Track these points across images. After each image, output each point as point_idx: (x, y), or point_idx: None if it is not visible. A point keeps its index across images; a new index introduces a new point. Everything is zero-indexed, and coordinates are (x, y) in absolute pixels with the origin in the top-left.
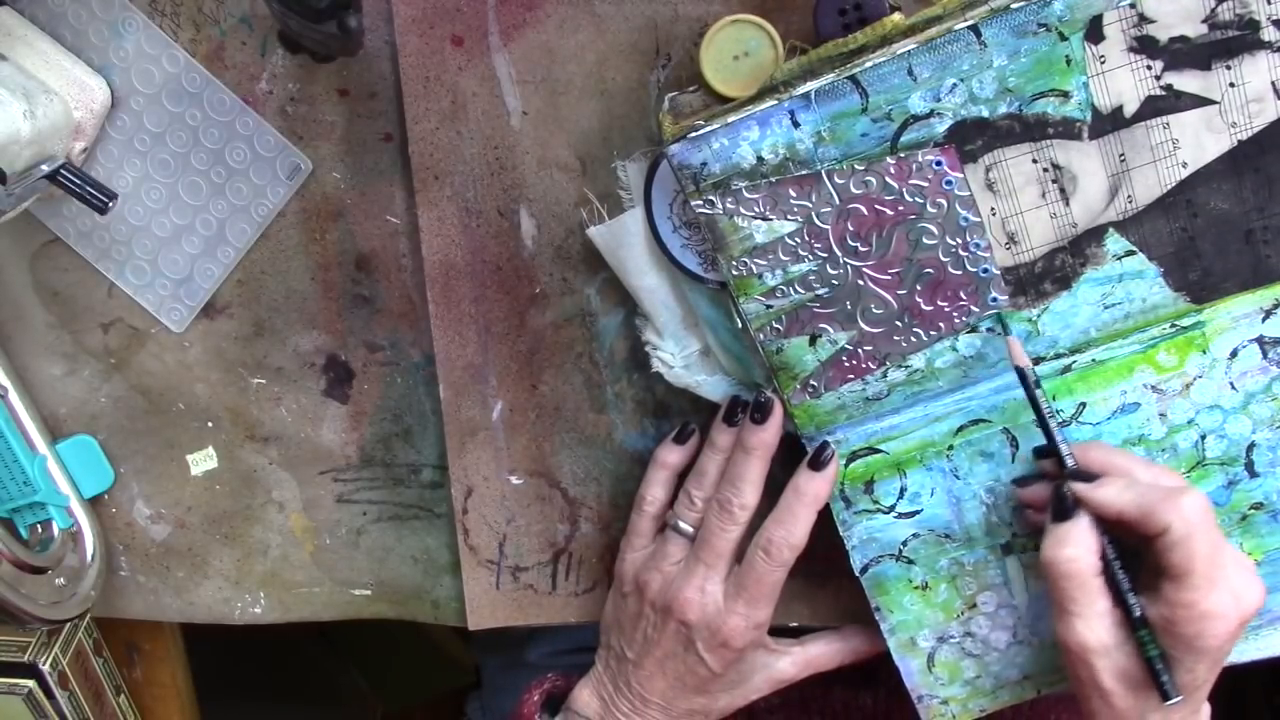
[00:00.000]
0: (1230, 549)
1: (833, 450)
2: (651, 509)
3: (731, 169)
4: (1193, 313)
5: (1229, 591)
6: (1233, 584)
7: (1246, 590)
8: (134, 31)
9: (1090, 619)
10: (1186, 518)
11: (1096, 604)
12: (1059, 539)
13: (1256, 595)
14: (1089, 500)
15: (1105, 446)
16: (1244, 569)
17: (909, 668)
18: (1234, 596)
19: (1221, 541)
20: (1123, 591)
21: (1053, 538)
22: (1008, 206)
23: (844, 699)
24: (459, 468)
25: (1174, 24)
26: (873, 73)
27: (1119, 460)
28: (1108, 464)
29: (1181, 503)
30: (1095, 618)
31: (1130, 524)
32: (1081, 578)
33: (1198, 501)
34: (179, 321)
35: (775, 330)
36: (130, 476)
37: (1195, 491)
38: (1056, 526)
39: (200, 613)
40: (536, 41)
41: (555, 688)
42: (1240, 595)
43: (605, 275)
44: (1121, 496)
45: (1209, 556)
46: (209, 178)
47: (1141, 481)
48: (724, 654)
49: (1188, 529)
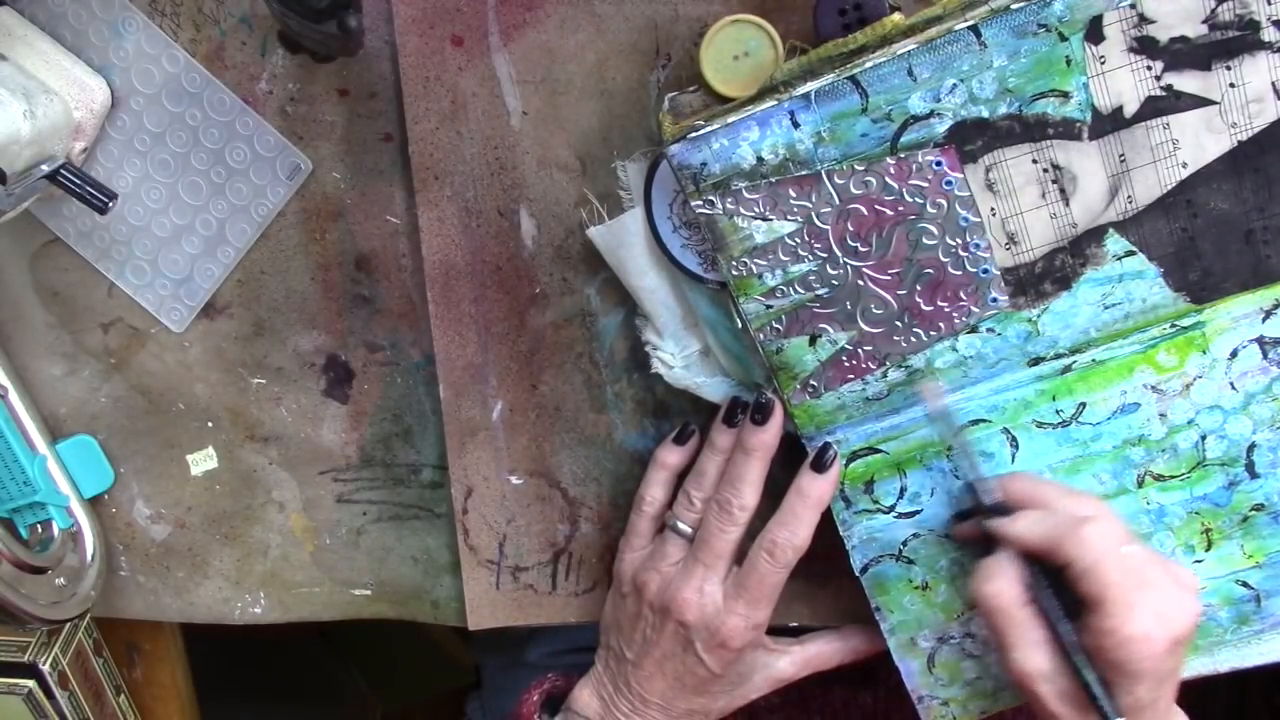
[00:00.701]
0: (1158, 568)
1: (835, 451)
2: (651, 509)
3: (731, 169)
4: (1193, 313)
5: (1151, 615)
6: (1156, 606)
7: (1174, 610)
8: (134, 31)
9: (1025, 648)
10: (1089, 548)
11: (1029, 633)
12: (982, 574)
13: (1187, 612)
14: (1003, 535)
15: (1029, 478)
16: (1173, 588)
17: (909, 668)
18: (1158, 619)
19: (1142, 563)
20: (1052, 620)
21: (978, 573)
22: (1008, 207)
23: (844, 698)
24: (459, 468)
25: (1174, 24)
26: (873, 73)
27: (1040, 491)
28: (1030, 495)
29: (1083, 533)
30: (1030, 646)
31: (1044, 557)
32: (1008, 610)
33: (1101, 530)
34: (179, 321)
35: (775, 330)
36: (130, 476)
37: (1102, 519)
38: (980, 562)
39: (200, 613)
40: (536, 41)
41: (555, 688)
42: (1167, 616)
43: (605, 275)
44: (1031, 531)
45: (1121, 583)
46: (209, 178)
47: (1053, 514)
48: (722, 654)
49: (1091, 560)
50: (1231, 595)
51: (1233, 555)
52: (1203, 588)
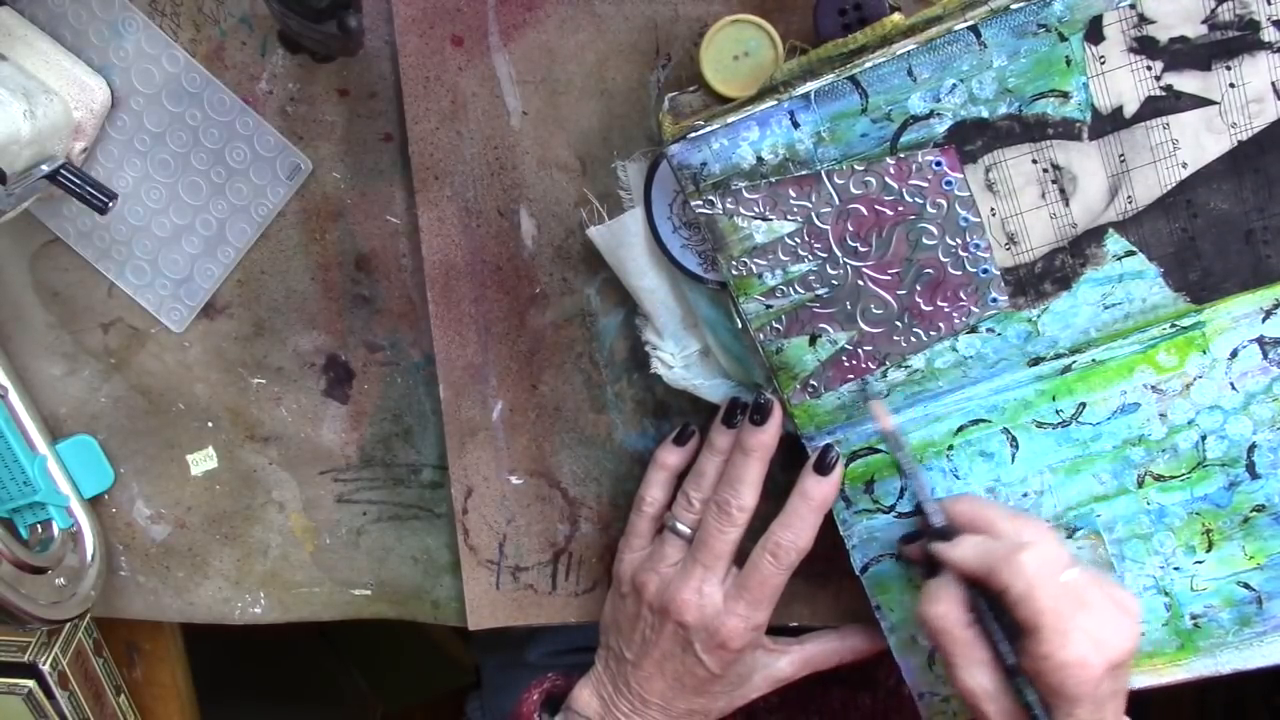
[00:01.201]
0: (1098, 592)
1: (837, 453)
2: (650, 510)
3: (731, 169)
4: (1193, 313)
5: (1086, 641)
6: (1091, 632)
7: (1110, 635)
8: (134, 31)
9: (969, 668)
10: (1023, 575)
11: (973, 654)
12: (926, 596)
13: (1125, 637)
14: (944, 560)
15: (973, 500)
16: (1110, 612)
17: (909, 666)
18: (1093, 645)
19: (1080, 588)
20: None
21: (923, 594)
22: (1007, 207)
23: (842, 699)
24: (459, 468)
25: (1174, 24)
26: (872, 73)
27: (983, 513)
28: (972, 518)
29: (1018, 560)
30: (974, 667)
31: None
32: (951, 632)
33: (1037, 557)
34: (179, 321)
35: (775, 330)
36: (130, 476)
37: (1038, 546)
38: (926, 584)
39: (200, 613)
40: (536, 41)
41: (555, 688)
42: (1103, 642)
43: (605, 275)
44: (969, 556)
45: (1055, 609)
46: (209, 178)
47: (992, 539)
48: (722, 655)
49: (1025, 587)
50: (1233, 597)
51: (1234, 556)
52: (1204, 589)
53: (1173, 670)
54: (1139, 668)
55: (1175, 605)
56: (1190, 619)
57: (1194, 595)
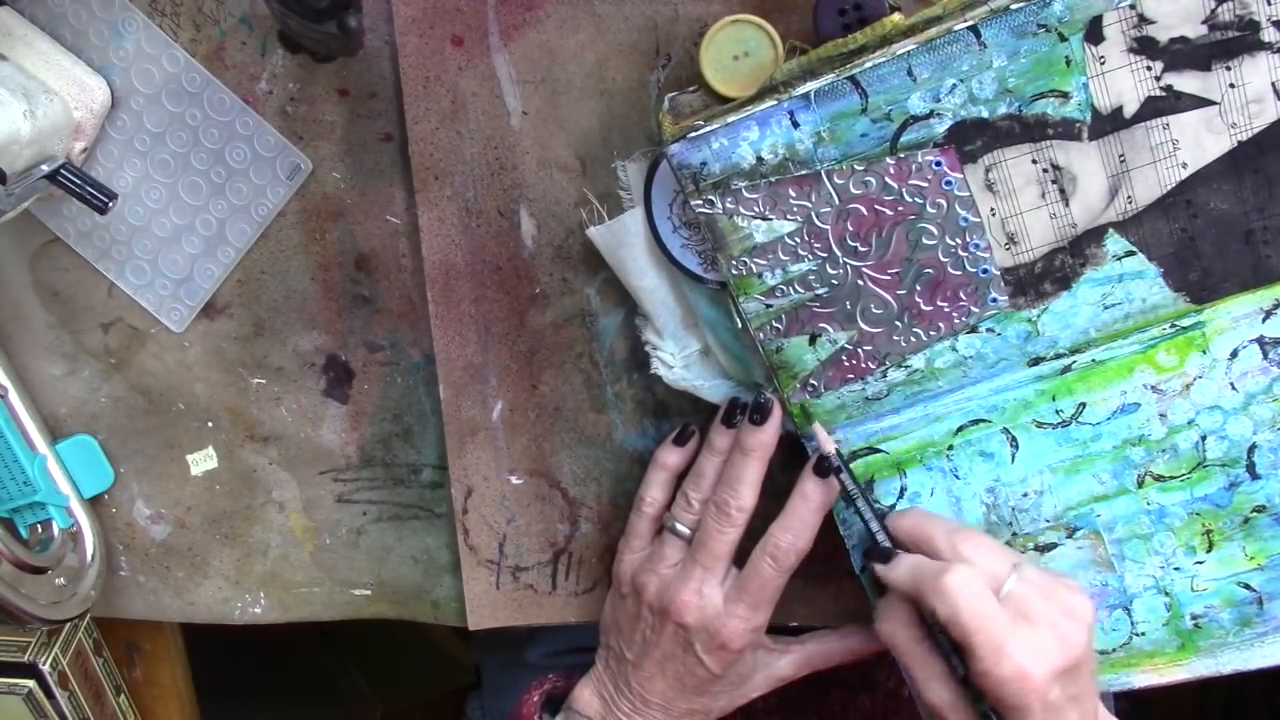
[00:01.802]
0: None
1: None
2: (650, 510)
3: (731, 169)
4: (1193, 313)
5: (1026, 652)
6: (1031, 643)
7: (1051, 642)
8: (134, 31)
9: (927, 681)
10: (947, 597)
11: (929, 667)
12: (878, 613)
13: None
14: (883, 580)
15: (916, 515)
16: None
17: None
18: (1036, 655)
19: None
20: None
21: (876, 611)
22: (1007, 207)
23: (841, 701)
24: (459, 468)
25: (1174, 25)
26: (872, 73)
27: (922, 529)
28: (912, 535)
29: (942, 583)
30: (932, 680)
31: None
32: (903, 647)
33: (961, 578)
34: (179, 321)
35: (775, 330)
36: (130, 476)
37: (961, 568)
38: (879, 600)
39: (200, 613)
40: (536, 41)
41: (555, 688)
42: (1046, 650)
43: (605, 275)
44: (902, 578)
45: (986, 628)
46: (209, 178)
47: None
48: (722, 655)
49: (950, 608)
50: (1233, 597)
51: (1234, 557)
52: (1204, 589)
53: (1173, 670)
54: (1139, 668)
55: (1175, 605)
56: (1191, 619)
57: (1194, 595)
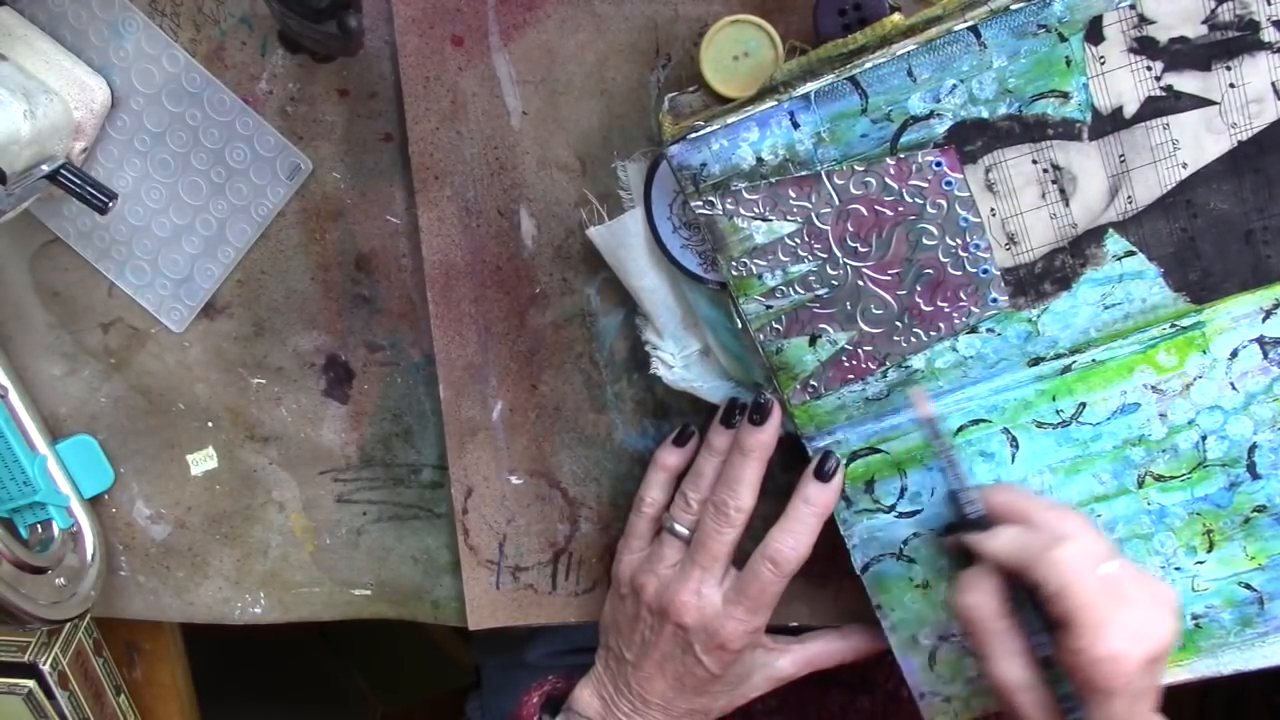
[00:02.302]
0: (1137, 585)
1: (838, 460)
2: (650, 510)
3: (731, 170)
4: (1193, 313)
5: (1124, 635)
6: (1130, 626)
7: (1150, 629)
8: (134, 31)
9: (1003, 660)
10: (1059, 570)
11: (1007, 645)
12: (960, 586)
13: (1164, 630)
14: (978, 551)
15: (1011, 491)
16: (1150, 606)
17: (911, 666)
18: (1133, 639)
19: (1119, 582)
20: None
21: (957, 584)
22: (1007, 207)
23: (841, 702)
24: (459, 468)
25: (1174, 25)
26: (872, 73)
27: (1020, 505)
28: (1009, 509)
29: (1054, 555)
30: (1008, 658)
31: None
32: (985, 623)
33: (1073, 551)
34: (179, 321)
35: (775, 330)
36: (130, 476)
37: (1076, 540)
38: (960, 573)
39: (200, 613)
40: (536, 41)
41: (555, 689)
42: (1143, 635)
43: (605, 275)
44: (1005, 548)
45: (1091, 604)
46: (209, 178)
47: (1030, 532)
48: (722, 656)
49: (1061, 581)
50: (1234, 597)
51: (1235, 557)
52: (1205, 589)
53: (1174, 670)
54: None
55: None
56: (1192, 619)
57: (1195, 595)
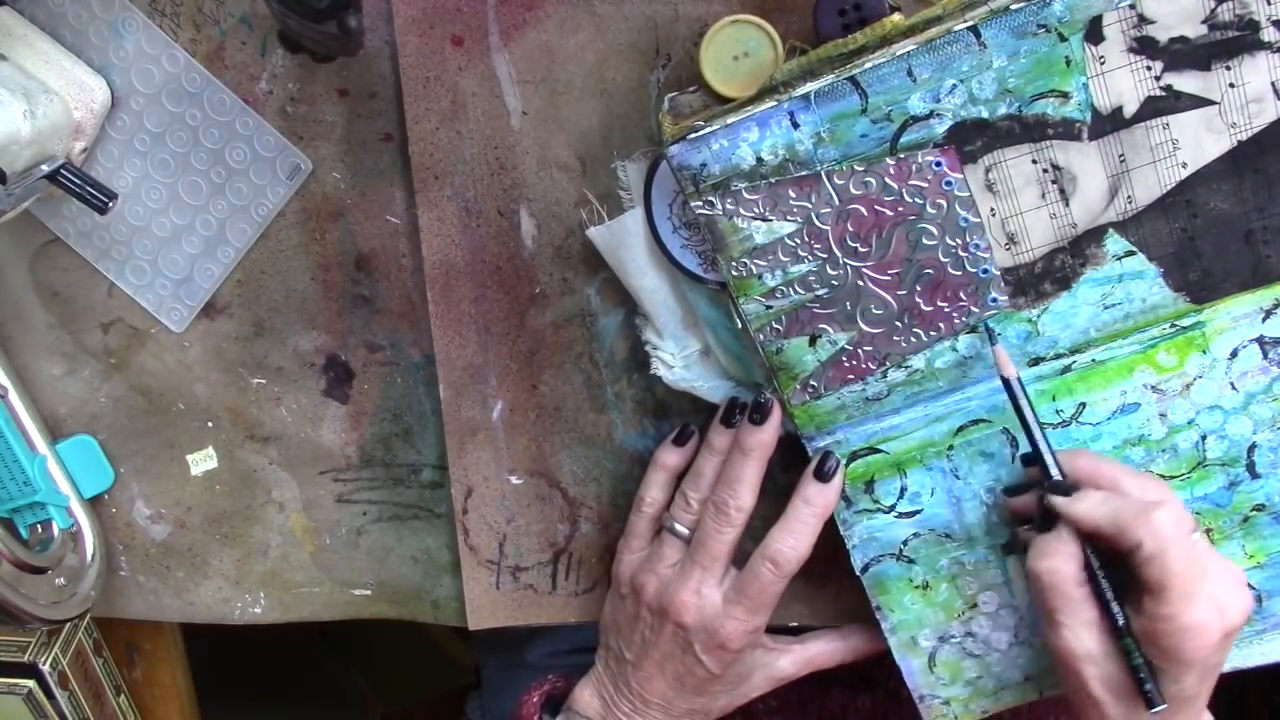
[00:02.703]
0: (1216, 559)
1: (838, 460)
2: (650, 510)
3: (731, 170)
4: (1193, 313)
5: (1210, 605)
6: (1215, 597)
7: (1230, 602)
8: (134, 31)
9: (1075, 628)
10: (1158, 534)
11: (1081, 614)
12: (1040, 550)
13: (1241, 606)
14: (1065, 514)
15: (1093, 456)
16: (1229, 579)
17: (910, 667)
18: (1216, 609)
19: (1203, 553)
20: (1106, 602)
21: (1035, 549)
22: (1007, 207)
23: (841, 701)
24: (459, 468)
25: (1174, 25)
26: (872, 73)
27: (1105, 470)
28: (1093, 474)
29: (1154, 519)
30: (1081, 627)
31: (1107, 539)
32: (1063, 589)
33: (1171, 515)
34: (179, 321)
35: (775, 330)
36: (130, 476)
37: (1171, 505)
38: (1038, 538)
39: (200, 613)
40: (536, 41)
41: (555, 689)
42: (1224, 608)
43: (605, 275)
44: (1095, 511)
45: (1185, 571)
46: (209, 178)
47: (1119, 496)
48: (722, 655)
49: (1159, 545)
50: None
51: (1234, 556)
52: None
53: None
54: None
55: None
56: None
57: None
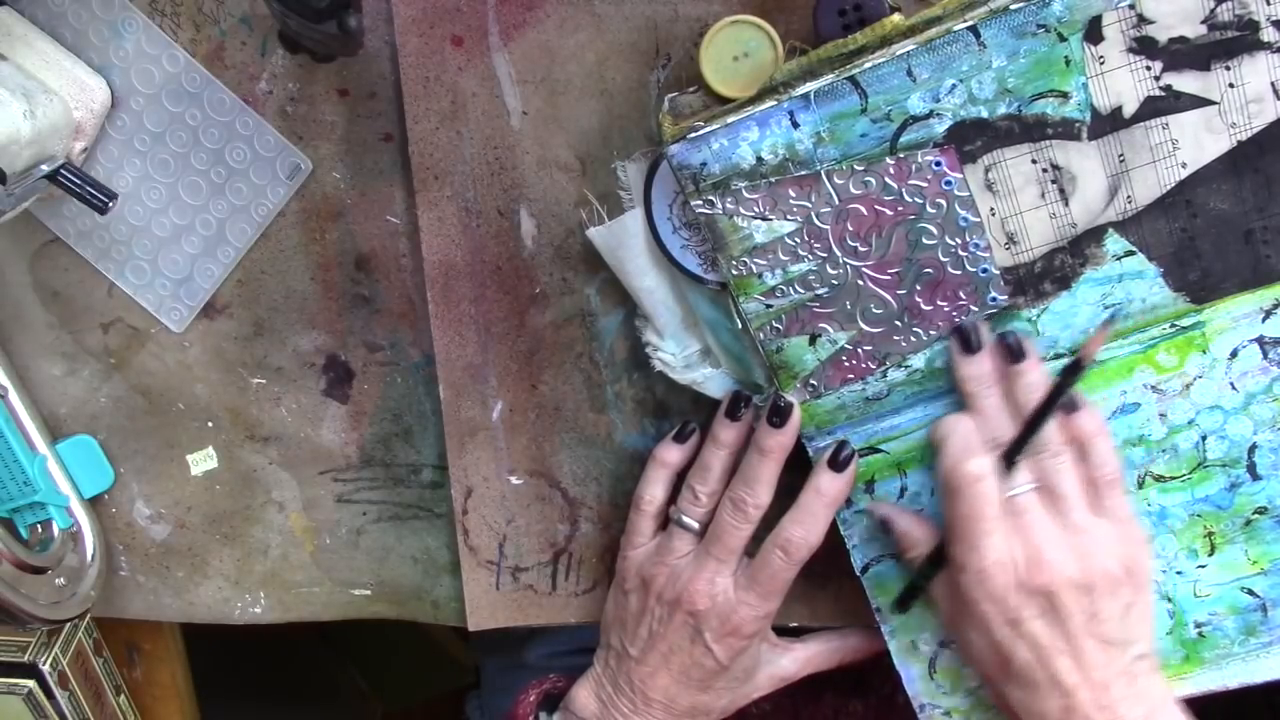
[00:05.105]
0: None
1: (852, 450)
2: (650, 508)
3: (731, 169)
4: (1192, 313)
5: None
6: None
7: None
8: (134, 31)
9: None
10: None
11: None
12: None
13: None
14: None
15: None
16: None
17: (910, 674)
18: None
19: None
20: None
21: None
22: (1007, 207)
23: (834, 705)
24: (459, 468)
25: (1173, 24)
26: (872, 73)
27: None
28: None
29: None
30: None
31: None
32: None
33: (979, 467)
34: (179, 321)
35: (775, 329)
36: (130, 476)
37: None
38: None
39: (200, 613)
40: (536, 41)
41: (555, 688)
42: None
43: (605, 275)
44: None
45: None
46: (209, 178)
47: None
48: (732, 643)
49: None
50: (1237, 604)
51: (1237, 561)
52: (1207, 595)
53: (1179, 685)
54: None
55: (1179, 613)
56: (1195, 627)
57: (1198, 601)
